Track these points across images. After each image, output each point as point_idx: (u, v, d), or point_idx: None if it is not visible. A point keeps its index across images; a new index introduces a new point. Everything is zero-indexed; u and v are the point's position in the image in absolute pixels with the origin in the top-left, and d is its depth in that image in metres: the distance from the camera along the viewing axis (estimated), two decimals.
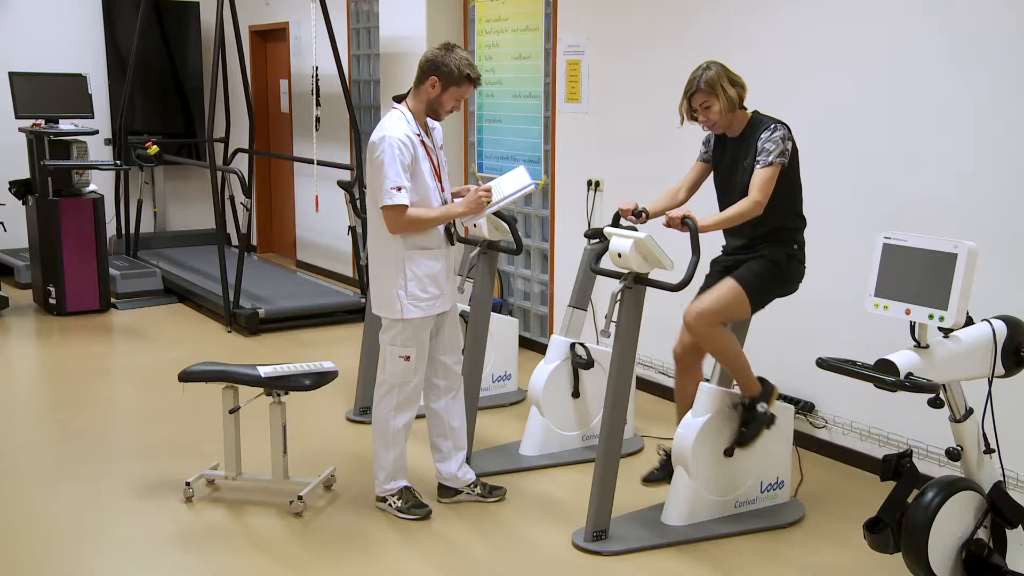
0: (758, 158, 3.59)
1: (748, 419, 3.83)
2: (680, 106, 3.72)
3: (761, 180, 3.57)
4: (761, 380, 3.85)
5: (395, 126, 3.70)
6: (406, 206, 3.63)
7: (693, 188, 3.93)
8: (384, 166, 3.62)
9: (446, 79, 3.71)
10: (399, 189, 3.61)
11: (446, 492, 4.11)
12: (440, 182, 3.82)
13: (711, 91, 3.62)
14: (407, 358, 3.80)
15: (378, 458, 3.96)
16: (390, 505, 3.96)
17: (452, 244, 3.87)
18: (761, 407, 3.82)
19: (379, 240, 3.80)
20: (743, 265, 3.75)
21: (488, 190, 3.83)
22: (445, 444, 4.05)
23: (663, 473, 4.01)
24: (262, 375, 3.97)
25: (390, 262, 3.77)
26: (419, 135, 3.74)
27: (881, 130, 4.28)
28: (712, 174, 3.90)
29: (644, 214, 3.77)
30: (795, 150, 3.67)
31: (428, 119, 3.85)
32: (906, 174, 4.20)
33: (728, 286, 3.69)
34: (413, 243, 3.75)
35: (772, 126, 3.63)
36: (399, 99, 3.88)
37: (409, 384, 3.86)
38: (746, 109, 3.72)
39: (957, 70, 3.99)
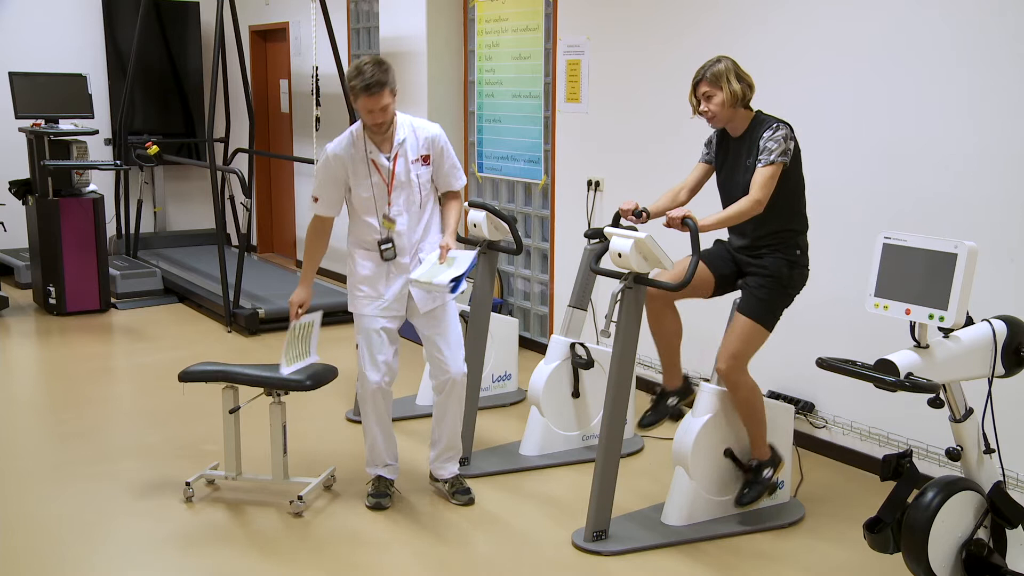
0: (759, 157, 3.59)
1: (752, 481, 3.84)
2: (689, 96, 3.74)
3: (762, 179, 3.57)
4: (772, 448, 3.87)
5: (334, 142, 3.91)
6: (316, 215, 3.96)
7: (695, 189, 3.93)
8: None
9: (352, 96, 3.78)
10: (315, 200, 3.93)
11: (431, 478, 4.22)
12: (389, 195, 3.85)
13: (715, 82, 3.63)
14: (357, 347, 3.99)
15: None
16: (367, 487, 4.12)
17: (387, 259, 3.89)
18: (767, 473, 3.84)
19: None
20: (746, 289, 3.75)
21: (444, 250, 3.85)
22: (432, 434, 4.14)
23: (655, 416, 4.00)
24: (285, 374, 3.96)
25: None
26: (366, 151, 3.82)
27: (881, 129, 4.28)
28: (715, 175, 3.90)
29: (644, 214, 3.77)
30: (798, 150, 3.67)
31: (396, 129, 3.86)
32: (906, 174, 4.20)
33: (743, 325, 3.71)
34: (353, 242, 3.98)
35: (774, 125, 3.62)
36: None
37: (364, 376, 3.95)
38: (751, 109, 3.72)
39: (957, 69, 3.99)
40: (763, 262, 3.73)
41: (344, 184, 3.88)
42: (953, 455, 3.20)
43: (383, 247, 3.88)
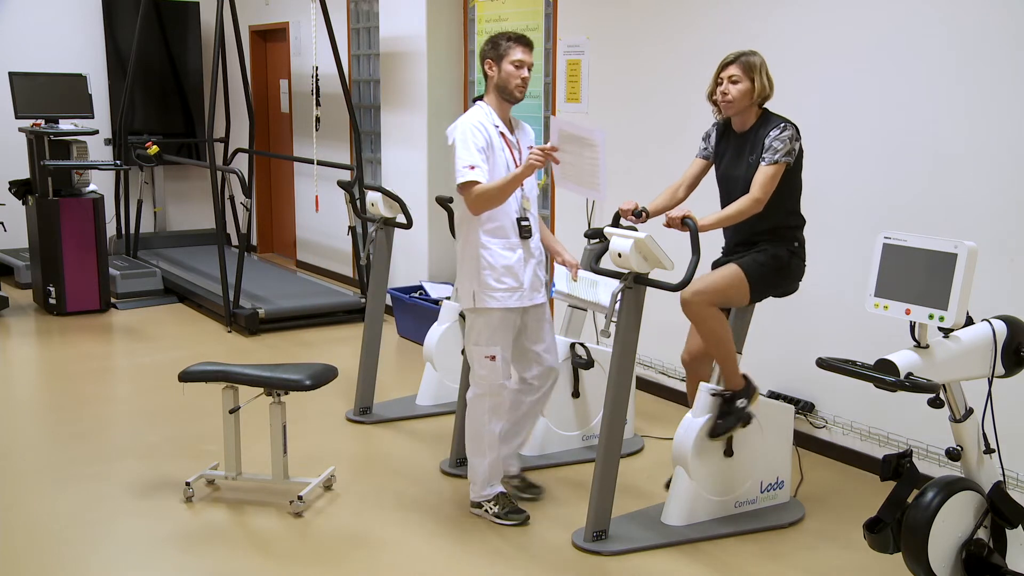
0: (764, 155, 3.59)
1: (725, 411, 3.76)
2: (714, 75, 3.72)
3: (764, 178, 3.57)
4: (746, 378, 3.80)
5: (468, 115, 3.79)
6: (476, 182, 3.64)
7: (693, 185, 3.93)
8: (456, 149, 3.69)
9: (496, 56, 3.76)
10: (471, 167, 3.65)
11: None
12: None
13: (748, 71, 3.63)
14: (492, 358, 3.79)
15: (473, 467, 3.92)
16: (486, 511, 3.92)
17: (526, 237, 3.80)
18: (740, 403, 3.76)
19: (461, 232, 3.86)
20: (747, 254, 3.75)
21: (570, 266, 3.85)
22: (509, 429, 4.01)
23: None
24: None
25: (468, 252, 3.81)
26: (498, 127, 3.77)
27: (881, 129, 4.28)
28: (713, 169, 3.90)
29: (644, 214, 3.77)
30: (801, 151, 3.67)
31: (511, 117, 3.87)
32: (906, 174, 4.20)
33: (730, 269, 3.69)
34: (488, 233, 3.77)
35: (782, 125, 3.62)
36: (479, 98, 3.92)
37: (500, 387, 3.82)
38: (759, 107, 3.72)
39: (956, 69, 3.99)
40: (764, 246, 3.73)
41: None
42: (953, 455, 3.19)
43: (523, 223, 3.79)
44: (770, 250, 3.71)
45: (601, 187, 3.54)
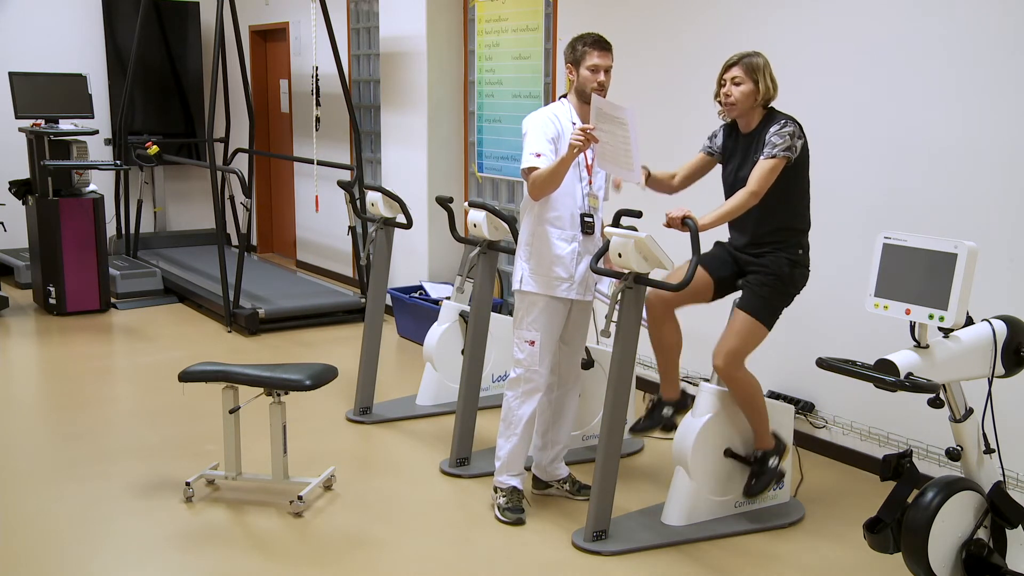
0: (763, 150, 3.59)
1: (759, 472, 3.83)
2: (718, 77, 3.73)
3: (761, 171, 3.56)
4: (775, 436, 3.86)
5: (546, 107, 3.86)
6: (535, 168, 3.69)
7: (689, 177, 3.93)
8: (525, 138, 3.76)
9: (573, 60, 3.79)
10: (537, 155, 3.70)
11: (537, 483, 4.17)
12: (590, 175, 3.83)
13: (750, 72, 3.63)
14: (531, 343, 3.85)
15: (498, 447, 3.98)
16: (497, 499, 3.97)
17: (587, 233, 3.82)
18: (772, 462, 3.83)
19: (524, 215, 3.91)
20: (746, 287, 3.75)
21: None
22: (544, 435, 4.09)
23: (649, 423, 3.99)
24: None
25: (525, 236, 3.88)
26: (575, 124, 3.75)
27: (882, 129, 4.28)
28: (721, 172, 3.89)
29: (647, 173, 3.76)
30: (805, 150, 3.66)
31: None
32: (907, 174, 4.20)
33: (742, 321, 3.70)
34: (549, 222, 3.80)
35: (783, 121, 3.63)
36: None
37: (535, 372, 3.87)
38: (764, 108, 3.73)
39: (958, 69, 3.99)
40: (764, 260, 3.72)
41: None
42: (953, 455, 3.20)
43: (586, 219, 3.81)
44: (770, 267, 3.70)
45: (635, 167, 3.57)
